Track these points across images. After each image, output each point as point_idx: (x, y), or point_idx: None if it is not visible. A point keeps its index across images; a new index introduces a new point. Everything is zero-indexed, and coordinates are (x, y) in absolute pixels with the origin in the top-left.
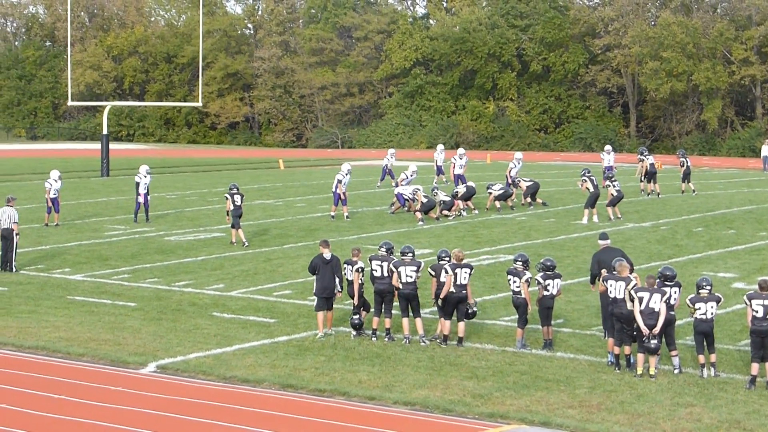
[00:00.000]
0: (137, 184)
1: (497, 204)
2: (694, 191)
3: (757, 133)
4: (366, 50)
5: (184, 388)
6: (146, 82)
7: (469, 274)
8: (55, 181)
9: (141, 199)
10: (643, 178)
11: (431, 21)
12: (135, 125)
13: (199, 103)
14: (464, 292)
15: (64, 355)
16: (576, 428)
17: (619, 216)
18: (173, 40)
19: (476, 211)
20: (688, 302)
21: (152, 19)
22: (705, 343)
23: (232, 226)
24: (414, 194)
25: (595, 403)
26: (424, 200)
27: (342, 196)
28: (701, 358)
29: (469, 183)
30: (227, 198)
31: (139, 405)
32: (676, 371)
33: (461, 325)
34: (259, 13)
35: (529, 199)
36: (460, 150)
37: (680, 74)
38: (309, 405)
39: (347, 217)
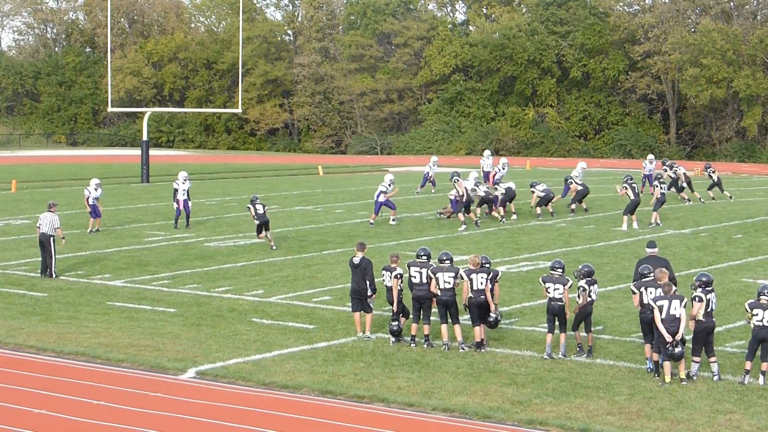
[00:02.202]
0: (175, 190)
1: (537, 210)
2: (731, 197)
3: None
4: (405, 56)
5: (223, 394)
6: (186, 89)
7: (487, 279)
8: (94, 189)
9: (180, 206)
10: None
11: (471, 27)
12: (175, 131)
13: (239, 110)
14: (482, 297)
15: (104, 361)
16: None
17: (659, 223)
18: (213, 47)
19: (515, 216)
20: (746, 307)
21: (192, 25)
22: (760, 351)
23: (257, 234)
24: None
25: (635, 409)
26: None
27: (387, 204)
28: (748, 365)
29: (509, 184)
30: (249, 208)
31: (179, 411)
32: (715, 378)
33: (476, 329)
34: (299, 19)
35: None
36: (503, 159)
37: (720, 81)
38: (348, 411)
39: (393, 221)
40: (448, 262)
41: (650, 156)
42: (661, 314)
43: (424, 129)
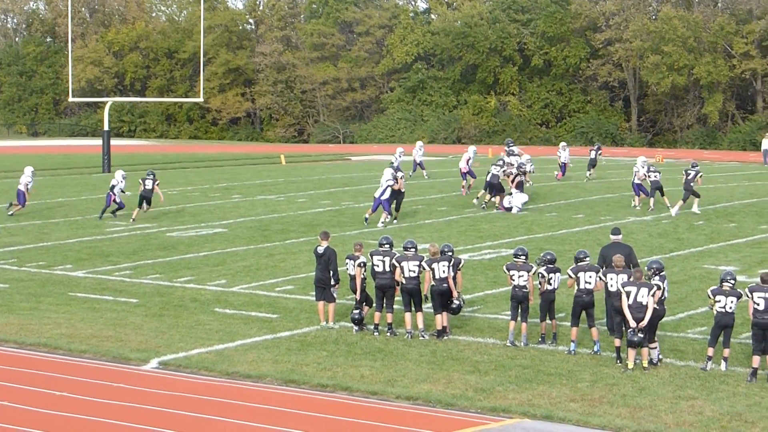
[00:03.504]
0: (112, 186)
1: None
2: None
3: (757, 127)
4: (367, 45)
5: (186, 384)
6: (147, 78)
7: (449, 267)
8: (29, 176)
9: (116, 199)
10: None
11: (432, 16)
12: (136, 121)
13: (201, 99)
14: (445, 285)
15: (66, 352)
16: (578, 422)
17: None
18: (174, 36)
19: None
20: (709, 293)
21: (153, 14)
22: (722, 337)
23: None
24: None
25: (597, 396)
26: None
27: (385, 204)
28: (710, 351)
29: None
30: (140, 182)
31: (141, 401)
32: (655, 363)
33: (438, 317)
34: (261, 8)
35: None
36: (472, 147)
37: (681, 68)
38: (311, 400)
39: (381, 223)
40: (413, 250)
41: (642, 158)
42: (628, 300)
43: (387, 118)
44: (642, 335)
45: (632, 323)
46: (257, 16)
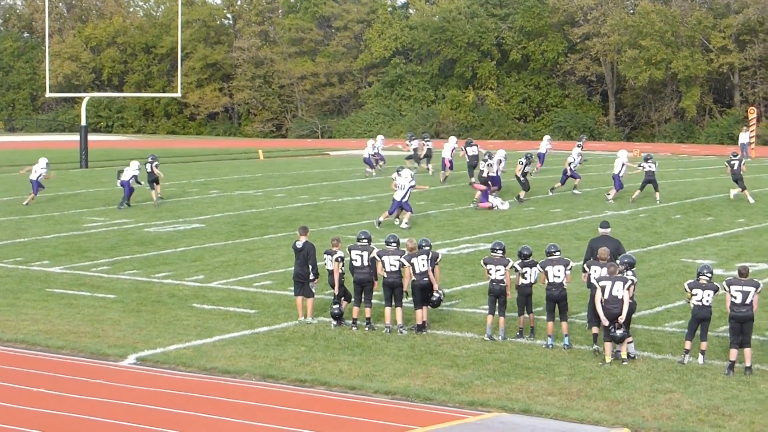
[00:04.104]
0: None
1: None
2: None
3: (735, 121)
4: (345, 40)
5: (164, 380)
6: (125, 73)
7: (428, 261)
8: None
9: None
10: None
11: (411, 10)
12: (114, 116)
13: (178, 94)
14: (425, 279)
15: (44, 348)
16: (556, 415)
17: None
18: (152, 31)
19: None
20: (686, 287)
21: (131, 9)
22: (699, 331)
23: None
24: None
25: (575, 390)
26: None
27: (405, 205)
28: (688, 344)
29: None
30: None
31: (119, 397)
32: (633, 357)
33: (419, 312)
34: (239, 3)
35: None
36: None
37: (659, 62)
38: (290, 395)
39: (405, 224)
40: (395, 245)
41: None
42: (603, 295)
43: (365, 112)
44: (623, 330)
45: (604, 320)
46: (235, 11)
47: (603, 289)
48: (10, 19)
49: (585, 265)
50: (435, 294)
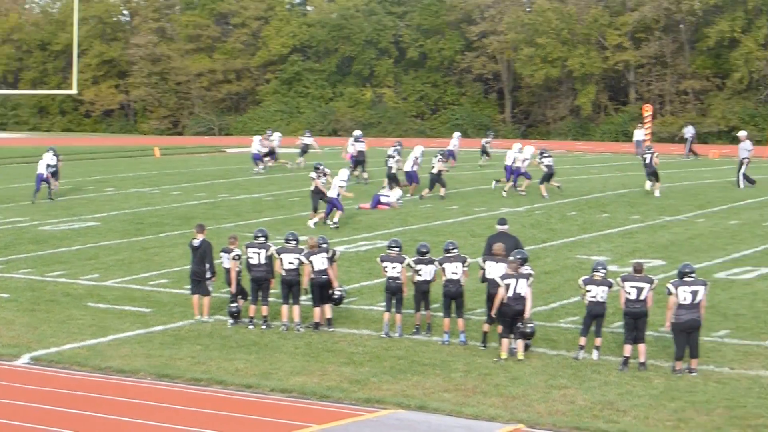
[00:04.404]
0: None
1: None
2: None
3: (630, 118)
4: (243, 37)
5: (58, 380)
6: (20, 70)
7: (328, 259)
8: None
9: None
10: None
11: (308, 8)
12: (8, 114)
13: (74, 91)
14: (324, 277)
15: None
16: (452, 412)
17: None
18: (48, 28)
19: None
20: (580, 283)
21: (27, 6)
22: (594, 327)
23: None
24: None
25: (471, 386)
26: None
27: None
28: (582, 340)
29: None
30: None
31: (13, 397)
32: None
33: (317, 309)
34: None
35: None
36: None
37: (555, 60)
38: (185, 394)
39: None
40: (294, 242)
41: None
42: (507, 292)
43: (263, 109)
44: (532, 325)
45: (493, 313)
46: (132, 8)
47: (508, 286)
48: None
49: (482, 262)
50: (336, 292)
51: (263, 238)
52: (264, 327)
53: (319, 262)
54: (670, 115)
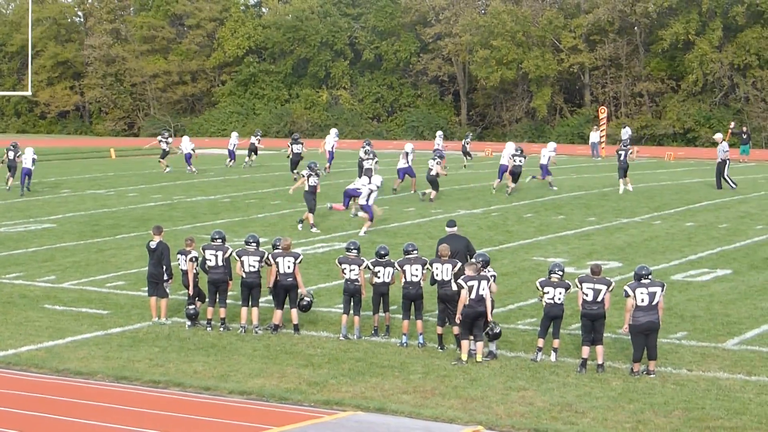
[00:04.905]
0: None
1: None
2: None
3: (585, 120)
4: (198, 38)
5: (16, 382)
6: None
7: (295, 263)
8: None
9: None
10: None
11: (263, 9)
12: None
13: (29, 92)
14: (290, 280)
15: None
16: (411, 413)
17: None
18: (1, 29)
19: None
20: (537, 285)
21: None
22: (552, 328)
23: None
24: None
25: (429, 388)
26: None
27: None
28: (540, 342)
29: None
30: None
31: None
32: (487, 358)
33: (293, 312)
34: (89, 0)
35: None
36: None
37: (510, 62)
38: (143, 396)
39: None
40: (255, 245)
41: (439, 132)
42: (470, 294)
43: (218, 111)
44: (498, 328)
45: (458, 318)
46: (86, 9)
47: (471, 288)
48: None
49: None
50: (305, 298)
51: (220, 240)
52: (222, 329)
53: (286, 264)
54: (625, 117)
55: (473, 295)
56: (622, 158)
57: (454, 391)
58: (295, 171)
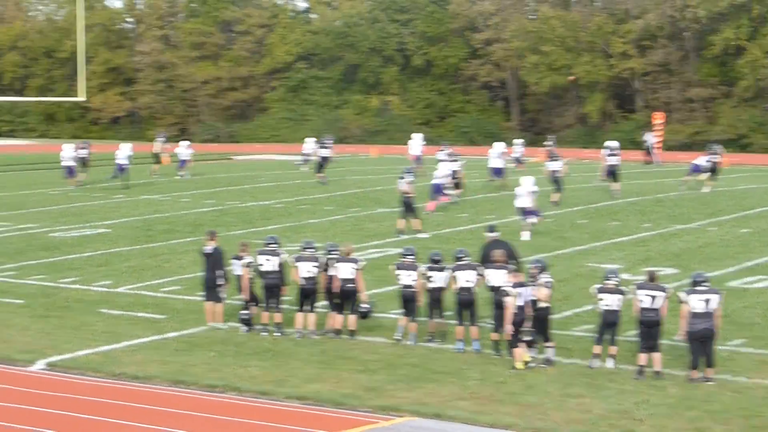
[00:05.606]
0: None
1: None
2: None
3: (637, 126)
4: (248, 44)
5: (73, 386)
6: (26, 78)
7: (355, 269)
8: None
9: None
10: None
11: (312, 15)
12: (16, 121)
13: (81, 98)
14: (350, 285)
15: None
16: (467, 420)
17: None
18: (53, 35)
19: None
20: (593, 291)
21: (30, 13)
22: (608, 335)
23: None
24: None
25: (486, 394)
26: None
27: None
28: (597, 349)
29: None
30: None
31: (28, 403)
32: (544, 365)
33: (351, 318)
34: (139, 7)
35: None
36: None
37: (560, 68)
38: (200, 401)
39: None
40: (311, 250)
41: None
42: (518, 301)
43: (269, 117)
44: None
45: (510, 329)
46: (136, 15)
47: (518, 295)
48: None
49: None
50: (363, 306)
51: (275, 245)
52: (278, 334)
53: (346, 270)
54: (678, 123)
55: (522, 302)
56: (707, 163)
57: (511, 398)
58: (319, 173)
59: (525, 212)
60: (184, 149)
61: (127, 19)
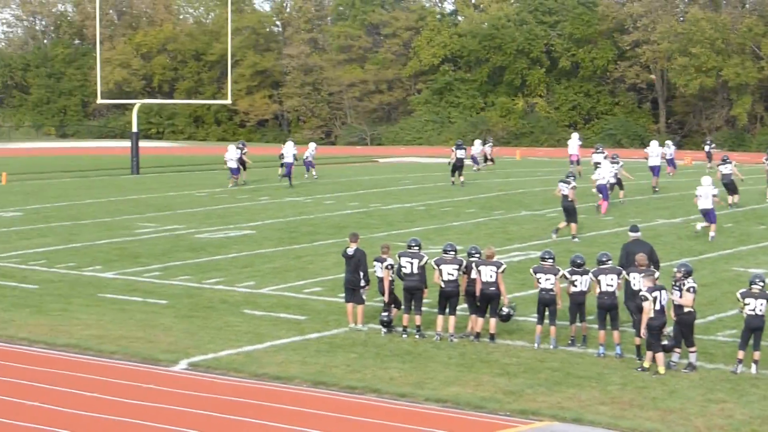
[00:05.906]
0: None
1: None
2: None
3: None
4: (394, 47)
5: (215, 386)
6: (175, 80)
7: (497, 272)
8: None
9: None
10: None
11: (459, 18)
12: (164, 123)
13: (229, 101)
14: (492, 289)
15: (96, 353)
16: (608, 425)
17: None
18: (202, 38)
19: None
20: (738, 296)
21: (180, 16)
22: (752, 340)
23: None
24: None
25: (627, 399)
26: None
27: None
28: (741, 354)
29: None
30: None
31: (171, 402)
32: (673, 366)
33: (492, 321)
34: (288, 10)
35: None
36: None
37: (709, 70)
38: (340, 402)
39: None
40: (452, 253)
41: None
42: (654, 305)
43: (414, 119)
44: (672, 340)
45: (644, 332)
46: (284, 19)
47: (655, 299)
48: (62, 26)
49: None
50: (504, 309)
51: (417, 248)
52: (417, 336)
53: (488, 273)
54: None
55: (657, 306)
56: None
57: (653, 403)
58: (454, 176)
59: (708, 215)
60: (310, 151)
61: (276, 23)
